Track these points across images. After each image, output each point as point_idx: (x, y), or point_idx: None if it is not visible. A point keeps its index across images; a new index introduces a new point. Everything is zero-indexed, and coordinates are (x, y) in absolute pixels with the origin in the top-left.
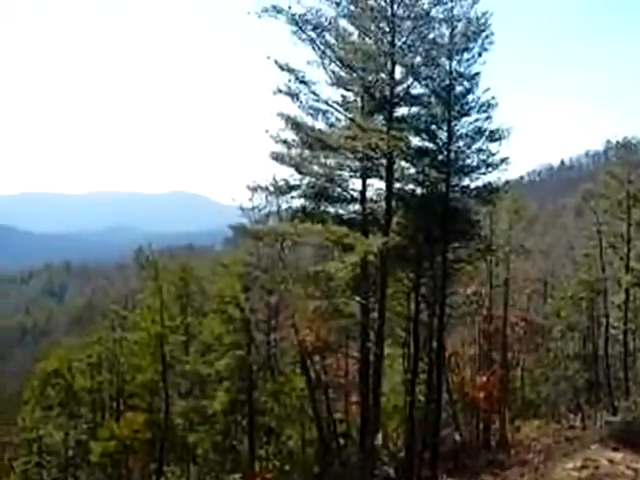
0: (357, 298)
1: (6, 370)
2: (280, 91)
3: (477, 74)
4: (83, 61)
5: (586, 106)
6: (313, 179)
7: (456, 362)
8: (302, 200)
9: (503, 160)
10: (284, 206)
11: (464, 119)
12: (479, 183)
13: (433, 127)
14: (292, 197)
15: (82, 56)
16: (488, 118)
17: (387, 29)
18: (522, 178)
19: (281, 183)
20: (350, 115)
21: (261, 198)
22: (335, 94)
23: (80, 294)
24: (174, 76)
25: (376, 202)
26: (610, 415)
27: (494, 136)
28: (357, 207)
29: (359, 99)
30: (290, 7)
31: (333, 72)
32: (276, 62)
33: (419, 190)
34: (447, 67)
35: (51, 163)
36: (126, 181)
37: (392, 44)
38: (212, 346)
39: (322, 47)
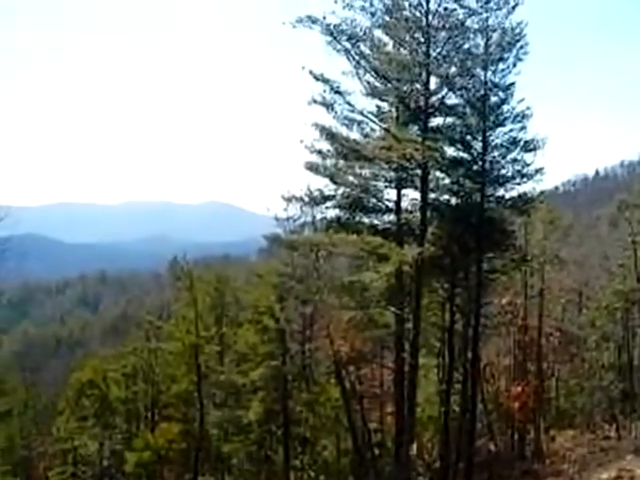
0: (392, 308)
1: (41, 380)
2: (315, 101)
3: (512, 84)
4: (119, 73)
5: (621, 116)
6: (348, 189)
7: (491, 372)
8: (337, 210)
9: (538, 170)
10: (319, 216)
11: (499, 129)
12: (514, 193)
13: (468, 137)
14: (327, 207)
15: (119, 68)
16: (523, 128)
17: (422, 39)
18: (557, 188)
19: (316, 193)
20: (385, 125)
21: (296, 208)
22: (370, 104)
23: (115, 304)
24: (210, 87)
25: (411, 212)
26: None
27: (529, 146)
28: (392, 217)
29: (394, 109)
30: (325, 17)
31: (368, 82)
32: (311, 72)
33: (454, 200)
34: (482, 77)
35: (87, 173)
36: (161, 191)
37: (427, 54)
38: (247, 356)
39: (357, 57)
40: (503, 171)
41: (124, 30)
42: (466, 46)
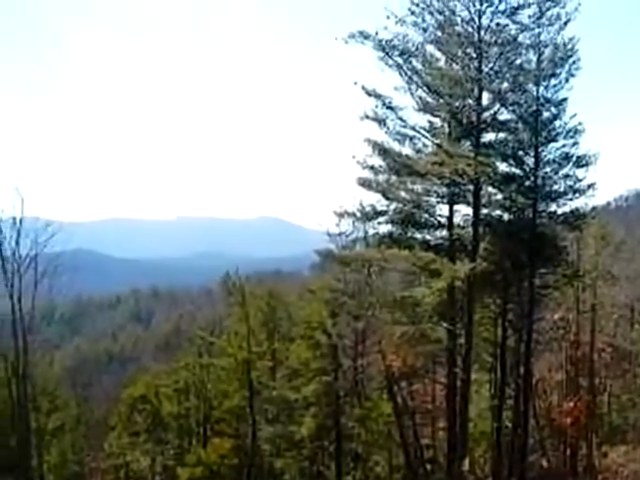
0: (444, 324)
1: (93, 396)
2: (367, 117)
3: (564, 100)
4: (172, 89)
5: None
6: (400, 205)
7: (543, 388)
8: (389, 226)
9: (590, 186)
10: (371, 232)
11: (551, 145)
12: (566, 209)
13: (520, 153)
14: (379, 223)
15: (173, 85)
16: (575, 144)
17: (474, 55)
18: (609, 204)
19: (368, 209)
20: (437, 141)
21: (348, 224)
22: (422, 120)
23: (167, 319)
24: (262, 102)
25: (463, 228)
26: None
27: (581, 162)
28: (444, 233)
29: (446, 125)
30: (377, 33)
31: (420, 98)
32: (363, 88)
33: (506, 216)
34: (534, 93)
35: (138, 189)
36: (212, 207)
37: (479, 70)
38: (299, 372)
39: (409, 73)
40: (555, 187)
41: (176, 44)
42: (518, 61)
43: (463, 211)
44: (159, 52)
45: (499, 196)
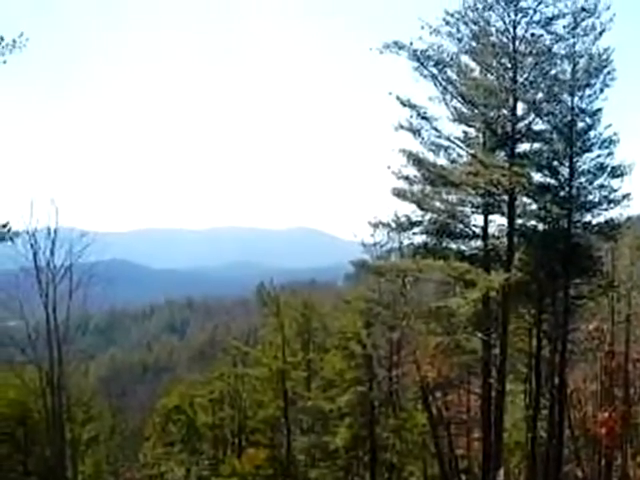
0: (479, 334)
1: (128, 406)
2: (402, 127)
3: (599, 110)
4: (208, 101)
5: None
6: (435, 215)
7: (578, 398)
8: (424, 236)
9: (625, 196)
10: (406, 242)
11: (586, 155)
12: (601, 219)
13: (555, 163)
14: (414, 233)
15: (201, 92)
16: (610, 154)
17: (509, 65)
18: None
19: (403, 219)
20: (472, 151)
21: (383, 234)
22: (457, 130)
23: (202, 330)
24: (295, 112)
25: (498, 238)
26: None
27: (616, 172)
28: (479, 243)
29: (481, 135)
30: (412, 43)
31: (455, 108)
32: (398, 98)
33: (541, 226)
34: (569, 103)
35: (173, 200)
36: (248, 217)
37: (514, 80)
38: (334, 382)
39: (444, 83)
40: (590, 197)
41: (204, 60)
42: (553, 72)
43: (498, 221)
44: (192, 62)
45: (534, 206)
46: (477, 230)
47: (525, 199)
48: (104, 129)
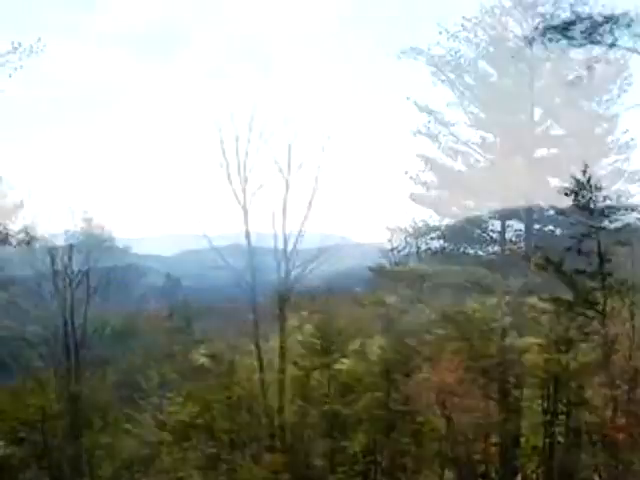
0: (495, 339)
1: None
2: (420, 132)
3: (616, 115)
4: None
5: None
6: (452, 220)
7: (595, 403)
8: (441, 241)
9: None
10: (423, 247)
11: (603, 160)
12: (618, 225)
13: (572, 168)
14: (431, 238)
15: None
16: (627, 159)
17: (526, 70)
18: None
19: (420, 224)
20: (489, 156)
21: (400, 239)
22: (474, 135)
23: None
24: (307, 113)
25: (515, 243)
26: None
27: (633, 178)
28: (496, 248)
29: (498, 140)
30: (429, 49)
31: (472, 113)
32: (416, 103)
33: (558, 231)
34: (586, 108)
35: (195, 204)
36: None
37: (531, 85)
38: (351, 387)
39: (461, 88)
40: (607, 202)
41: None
42: (570, 77)
43: (515, 226)
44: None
45: (551, 212)
46: (494, 235)
47: (542, 204)
48: (125, 134)
